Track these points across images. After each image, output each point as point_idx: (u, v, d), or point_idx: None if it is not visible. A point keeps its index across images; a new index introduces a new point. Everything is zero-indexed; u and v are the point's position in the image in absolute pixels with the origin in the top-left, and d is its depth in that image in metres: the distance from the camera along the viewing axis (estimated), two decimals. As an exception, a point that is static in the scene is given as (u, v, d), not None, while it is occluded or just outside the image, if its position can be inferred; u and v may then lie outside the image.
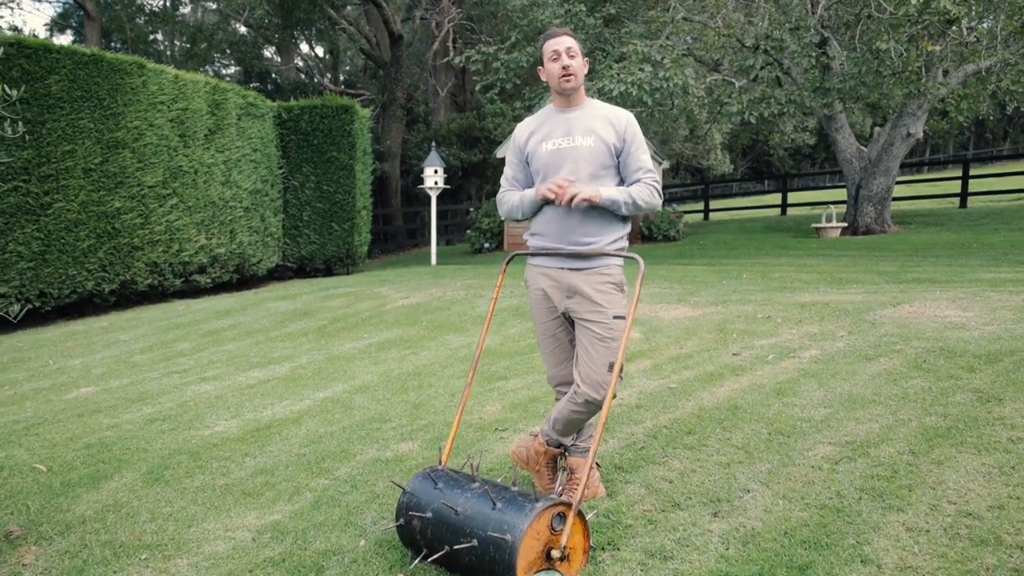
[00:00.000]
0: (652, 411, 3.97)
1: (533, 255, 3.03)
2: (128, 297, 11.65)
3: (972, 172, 27.57)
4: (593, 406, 2.85)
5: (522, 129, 3.08)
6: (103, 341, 8.27)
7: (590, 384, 2.82)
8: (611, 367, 2.80)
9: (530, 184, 3.09)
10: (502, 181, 3.16)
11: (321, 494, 3.34)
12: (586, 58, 3.04)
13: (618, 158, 2.95)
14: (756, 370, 4.50)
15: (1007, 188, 21.02)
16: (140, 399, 5.37)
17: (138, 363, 6.88)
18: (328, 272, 15.70)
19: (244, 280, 14.44)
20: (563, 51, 2.92)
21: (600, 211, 2.89)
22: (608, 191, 2.83)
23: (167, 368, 6.54)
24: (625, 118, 2.96)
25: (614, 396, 2.69)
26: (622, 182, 2.98)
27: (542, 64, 3.02)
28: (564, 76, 2.92)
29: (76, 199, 10.37)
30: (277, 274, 15.56)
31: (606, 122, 2.94)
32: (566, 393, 3.02)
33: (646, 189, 2.90)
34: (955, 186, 23.82)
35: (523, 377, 5.01)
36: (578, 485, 2.96)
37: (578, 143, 2.92)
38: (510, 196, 3.09)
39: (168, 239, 11.85)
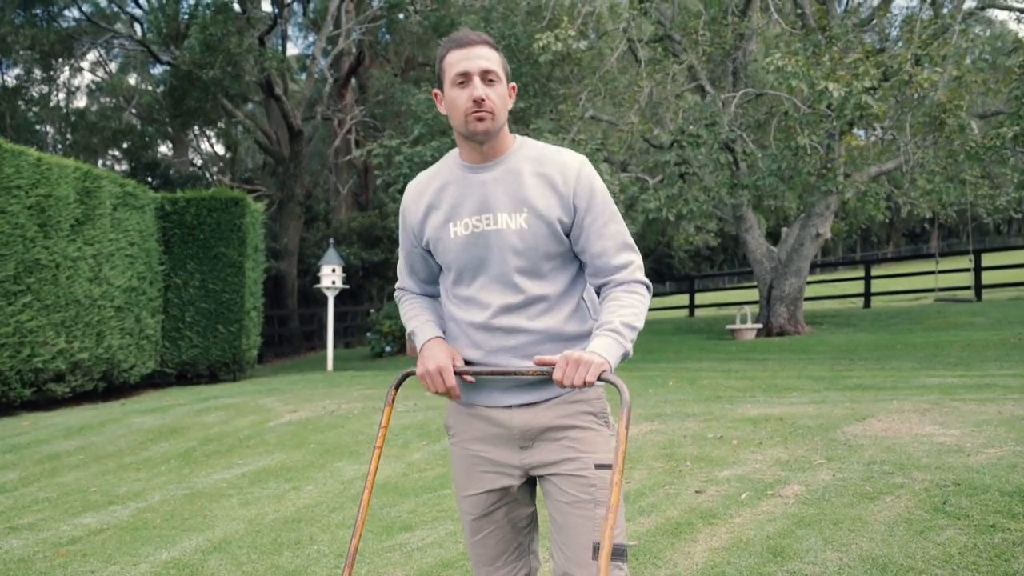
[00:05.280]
0: (614, 585, 2.92)
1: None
2: (-40, 412, 9.89)
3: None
4: None
5: (413, 199, 1.98)
6: (-96, 473, 6.64)
7: (573, 572, 1.80)
8: (597, 551, 1.75)
9: (435, 277, 2.03)
10: (399, 270, 2.10)
11: None
12: (513, 83, 1.91)
13: (568, 236, 1.89)
14: (732, 516, 3.53)
15: (905, 288, 21.47)
16: (-93, 569, 3.94)
17: (-65, 506, 5.36)
18: (213, 379, 14.12)
19: (113, 389, 12.71)
20: (475, 73, 1.81)
21: (554, 300, 1.89)
22: (607, 347, 1.82)
23: (-29, 514, 5.07)
24: (574, 172, 1.88)
25: None
26: (581, 268, 1.95)
27: (439, 87, 1.90)
28: (475, 114, 1.81)
29: (-102, 297, 8.75)
30: (155, 381, 13.85)
31: (545, 184, 1.87)
32: None
33: (633, 298, 1.88)
34: (855, 286, 24.27)
35: (433, 527, 3.88)
36: None
37: (503, 224, 1.86)
38: (408, 307, 2.04)
39: (17, 342, 10.21)
